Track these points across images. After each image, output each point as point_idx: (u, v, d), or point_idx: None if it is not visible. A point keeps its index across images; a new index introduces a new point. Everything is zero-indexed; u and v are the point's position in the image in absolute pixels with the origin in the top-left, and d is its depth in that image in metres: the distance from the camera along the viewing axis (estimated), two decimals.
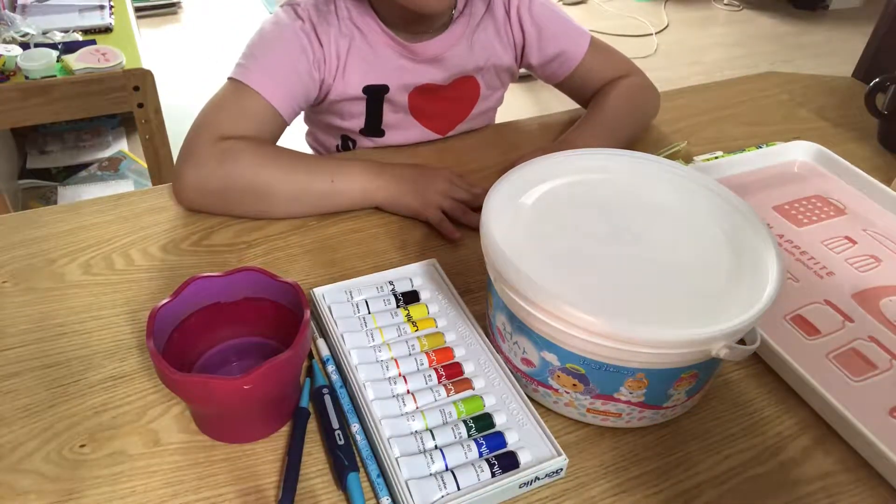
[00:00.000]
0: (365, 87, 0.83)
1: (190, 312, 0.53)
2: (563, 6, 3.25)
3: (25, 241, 0.69)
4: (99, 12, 1.70)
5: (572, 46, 0.89)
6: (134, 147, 1.99)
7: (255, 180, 0.70)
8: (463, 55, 0.85)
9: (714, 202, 0.59)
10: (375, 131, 0.88)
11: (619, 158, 0.63)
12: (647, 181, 0.61)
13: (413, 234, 0.73)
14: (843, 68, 1.36)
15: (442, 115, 0.90)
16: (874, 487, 0.51)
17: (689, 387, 0.52)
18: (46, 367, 0.57)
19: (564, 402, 0.53)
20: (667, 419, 0.55)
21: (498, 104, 0.97)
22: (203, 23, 2.99)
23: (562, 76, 0.91)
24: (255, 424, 0.52)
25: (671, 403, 0.53)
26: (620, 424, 0.54)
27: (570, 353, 0.49)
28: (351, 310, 0.61)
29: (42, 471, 0.49)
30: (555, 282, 0.48)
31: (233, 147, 0.71)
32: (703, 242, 0.55)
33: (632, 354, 0.47)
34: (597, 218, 0.56)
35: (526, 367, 0.54)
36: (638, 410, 0.52)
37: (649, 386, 0.50)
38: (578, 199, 0.58)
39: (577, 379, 0.51)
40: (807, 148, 0.86)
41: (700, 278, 0.51)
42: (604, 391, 0.51)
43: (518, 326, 0.52)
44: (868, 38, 1.24)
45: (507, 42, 0.88)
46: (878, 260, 0.71)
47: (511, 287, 0.50)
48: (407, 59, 0.83)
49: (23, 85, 1.36)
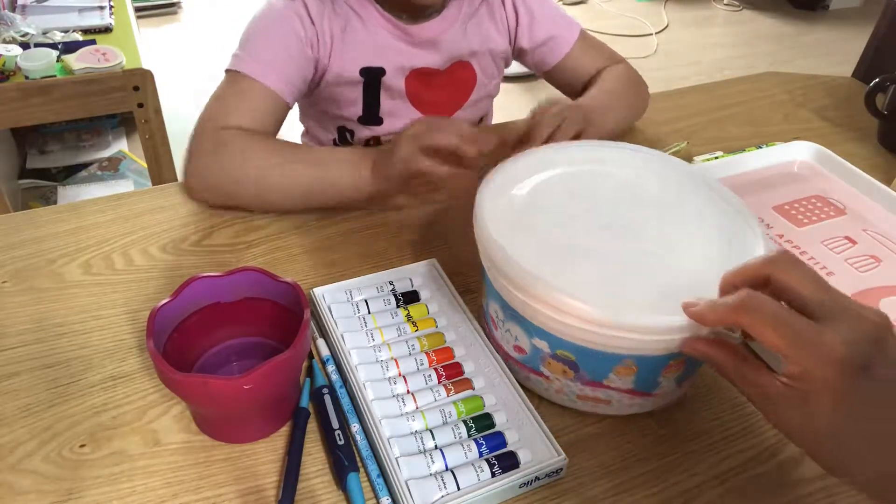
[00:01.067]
0: (362, 70, 0.83)
1: (190, 312, 0.53)
2: (564, 6, 3.25)
3: (25, 241, 0.69)
4: (99, 12, 1.70)
5: (563, 33, 0.90)
6: (134, 147, 1.99)
7: (247, 170, 0.71)
8: (458, 39, 0.86)
9: (706, 194, 0.59)
10: (373, 119, 0.88)
11: (611, 150, 0.63)
12: (640, 172, 0.61)
13: (413, 234, 0.73)
14: (843, 68, 1.36)
15: (440, 103, 0.90)
16: None
17: (678, 374, 0.52)
18: (46, 367, 0.57)
19: (555, 388, 0.54)
20: (657, 406, 0.55)
21: (495, 92, 0.97)
22: (203, 23, 2.99)
23: (551, 63, 0.91)
24: (255, 424, 0.52)
25: (660, 391, 0.53)
26: (611, 412, 0.54)
27: (560, 340, 0.50)
28: (351, 310, 0.61)
29: (42, 471, 0.49)
30: (546, 269, 0.49)
31: (227, 138, 0.72)
32: (693, 233, 0.55)
33: (620, 340, 0.48)
34: (589, 208, 0.57)
35: (518, 355, 0.55)
36: (628, 397, 0.53)
37: (638, 373, 0.51)
38: (571, 190, 0.59)
39: (568, 366, 0.52)
40: (807, 148, 0.86)
41: (689, 268, 0.52)
42: (594, 378, 0.52)
43: (510, 314, 0.53)
44: (868, 38, 1.24)
45: (502, 26, 0.89)
46: (878, 260, 0.71)
47: (503, 274, 0.50)
48: (403, 42, 0.83)
49: (23, 85, 1.36)
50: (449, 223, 0.74)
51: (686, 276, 0.51)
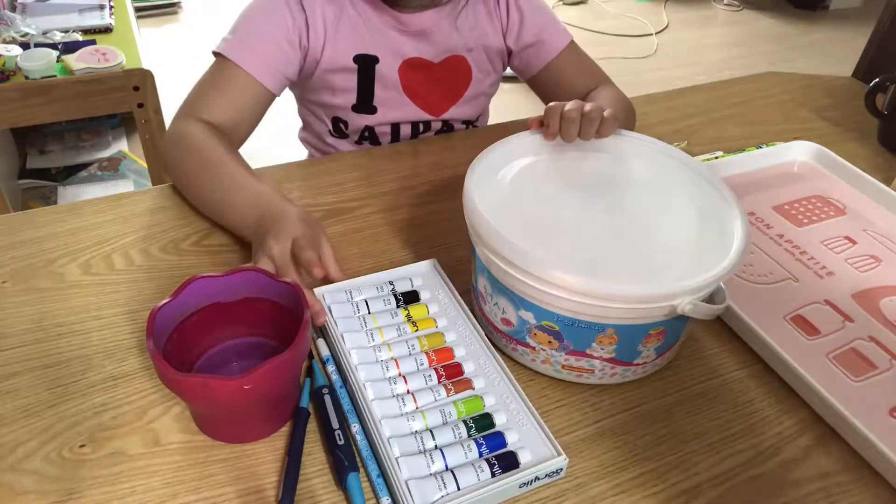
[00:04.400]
0: (356, 57, 0.83)
1: (190, 312, 0.53)
2: (564, 6, 3.25)
3: (25, 241, 0.69)
4: (99, 12, 1.70)
5: (551, 39, 0.90)
6: (134, 147, 1.99)
7: (185, 169, 0.73)
8: (451, 32, 0.86)
9: (688, 175, 0.63)
10: (367, 108, 0.88)
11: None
12: (623, 155, 0.65)
13: (413, 235, 0.73)
14: (843, 68, 1.36)
15: (434, 95, 0.90)
16: (874, 487, 0.51)
17: (658, 344, 0.55)
18: (46, 367, 0.57)
19: (541, 359, 0.56)
20: (638, 377, 0.58)
21: (492, 90, 0.96)
22: (203, 23, 2.99)
23: (536, 68, 0.91)
24: (255, 424, 0.52)
25: (641, 360, 0.56)
26: (594, 381, 0.57)
27: (545, 311, 0.53)
28: (351, 310, 0.61)
29: (42, 471, 0.49)
30: (530, 243, 0.52)
31: (186, 132, 0.73)
32: (674, 212, 0.59)
33: (601, 310, 0.50)
34: (573, 189, 0.61)
35: (505, 328, 0.57)
36: (610, 367, 0.55)
37: (619, 342, 0.53)
38: (557, 171, 0.63)
39: (552, 336, 0.54)
40: (807, 148, 0.86)
41: (669, 243, 0.55)
42: (577, 347, 0.54)
43: (498, 288, 0.56)
44: (868, 38, 1.24)
45: (497, 23, 0.89)
46: (878, 260, 0.71)
47: (490, 248, 0.53)
48: (396, 31, 0.84)
49: (23, 85, 1.36)
50: (449, 223, 0.74)
51: (665, 248, 0.55)
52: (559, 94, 0.91)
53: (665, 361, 0.59)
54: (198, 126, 0.74)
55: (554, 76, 0.91)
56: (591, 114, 0.64)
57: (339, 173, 0.83)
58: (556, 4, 3.23)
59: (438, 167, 0.84)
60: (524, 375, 0.58)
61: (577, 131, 0.64)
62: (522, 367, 0.59)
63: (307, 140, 0.98)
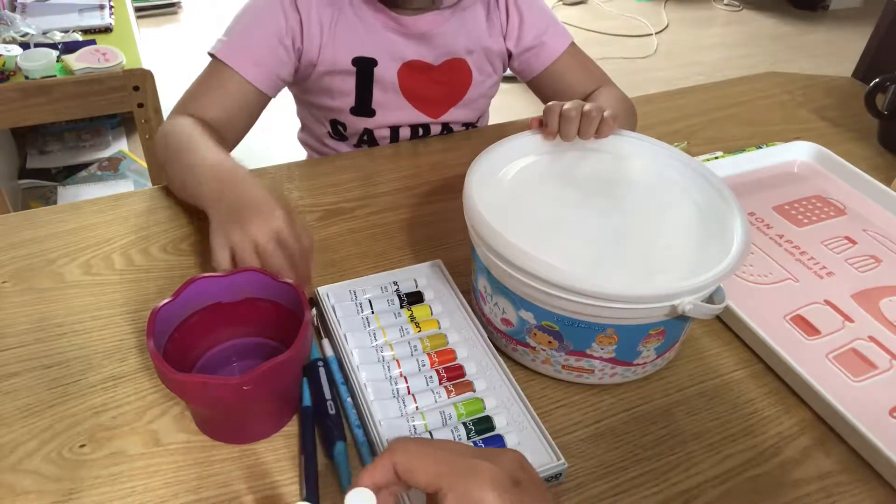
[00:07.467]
0: (354, 59, 0.83)
1: (190, 313, 0.53)
2: (563, 6, 3.25)
3: (25, 241, 0.69)
4: (99, 12, 1.70)
5: (552, 41, 0.89)
6: (134, 147, 1.99)
7: (164, 160, 0.73)
8: (451, 34, 0.85)
9: (688, 175, 0.62)
10: (366, 111, 0.88)
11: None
12: (624, 156, 0.65)
13: (413, 235, 0.73)
14: (843, 68, 1.36)
15: (434, 99, 0.90)
16: (874, 487, 0.51)
17: (658, 344, 0.55)
18: (46, 367, 0.57)
19: (541, 359, 0.56)
20: (637, 377, 0.57)
21: (492, 92, 0.96)
22: (203, 23, 2.98)
23: (536, 70, 0.91)
24: (255, 425, 0.52)
25: (641, 360, 0.55)
26: (594, 381, 0.57)
27: (545, 311, 0.53)
28: (354, 309, 0.61)
29: (42, 471, 0.49)
30: (531, 243, 0.52)
31: (176, 125, 0.74)
32: (675, 212, 0.59)
33: (601, 310, 0.50)
34: (573, 190, 0.61)
35: (505, 328, 0.57)
36: (610, 367, 0.55)
37: (619, 342, 0.53)
38: (557, 171, 0.63)
39: (552, 336, 0.54)
40: (807, 148, 0.86)
41: (669, 243, 0.55)
42: (577, 347, 0.54)
43: (498, 288, 0.56)
44: (868, 38, 1.24)
45: (498, 26, 0.89)
46: (878, 260, 0.71)
47: (490, 248, 0.53)
48: (396, 33, 0.84)
49: (23, 85, 1.36)
50: (449, 224, 0.74)
51: (665, 248, 0.55)
52: (560, 96, 0.89)
53: (665, 361, 0.58)
54: (185, 118, 0.74)
55: (554, 79, 0.90)
56: (591, 113, 0.64)
57: (340, 173, 0.83)
58: (555, 4, 3.23)
59: (439, 167, 0.84)
60: (524, 375, 0.58)
61: (576, 130, 0.64)
62: (522, 368, 0.59)
63: (306, 142, 0.98)
